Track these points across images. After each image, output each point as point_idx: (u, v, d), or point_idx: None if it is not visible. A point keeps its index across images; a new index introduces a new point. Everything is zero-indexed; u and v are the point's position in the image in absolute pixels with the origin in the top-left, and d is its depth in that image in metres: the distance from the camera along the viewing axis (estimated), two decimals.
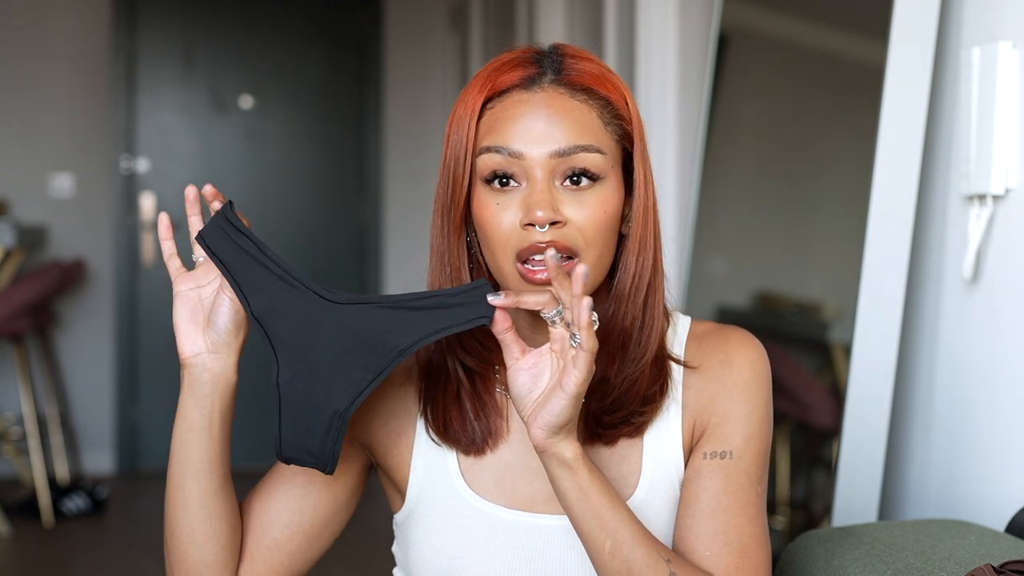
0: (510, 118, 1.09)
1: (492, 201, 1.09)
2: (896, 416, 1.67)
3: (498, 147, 1.08)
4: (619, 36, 3.01)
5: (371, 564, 1.65)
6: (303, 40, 5.31)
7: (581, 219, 1.07)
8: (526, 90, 1.09)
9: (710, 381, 1.16)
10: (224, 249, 1.09)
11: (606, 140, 1.10)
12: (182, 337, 1.11)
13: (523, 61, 1.12)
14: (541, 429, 1.01)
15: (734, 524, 1.10)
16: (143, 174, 5.14)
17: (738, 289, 2.22)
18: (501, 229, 1.08)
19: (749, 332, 1.19)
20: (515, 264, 1.08)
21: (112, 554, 4.00)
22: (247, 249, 1.09)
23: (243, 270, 1.08)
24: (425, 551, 1.17)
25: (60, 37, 5.07)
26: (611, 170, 1.10)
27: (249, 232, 1.09)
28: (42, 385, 4.85)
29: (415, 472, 1.19)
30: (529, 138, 1.07)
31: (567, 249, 1.07)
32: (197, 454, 1.12)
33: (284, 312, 1.07)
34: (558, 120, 1.08)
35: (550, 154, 1.07)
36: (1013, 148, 1.42)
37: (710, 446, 1.13)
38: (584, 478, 1.03)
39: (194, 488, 1.12)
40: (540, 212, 1.05)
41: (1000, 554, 1.16)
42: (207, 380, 1.11)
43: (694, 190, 2.27)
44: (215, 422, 1.11)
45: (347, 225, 5.38)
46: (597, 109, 1.10)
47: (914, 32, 1.55)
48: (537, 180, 1.07)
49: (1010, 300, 1.44)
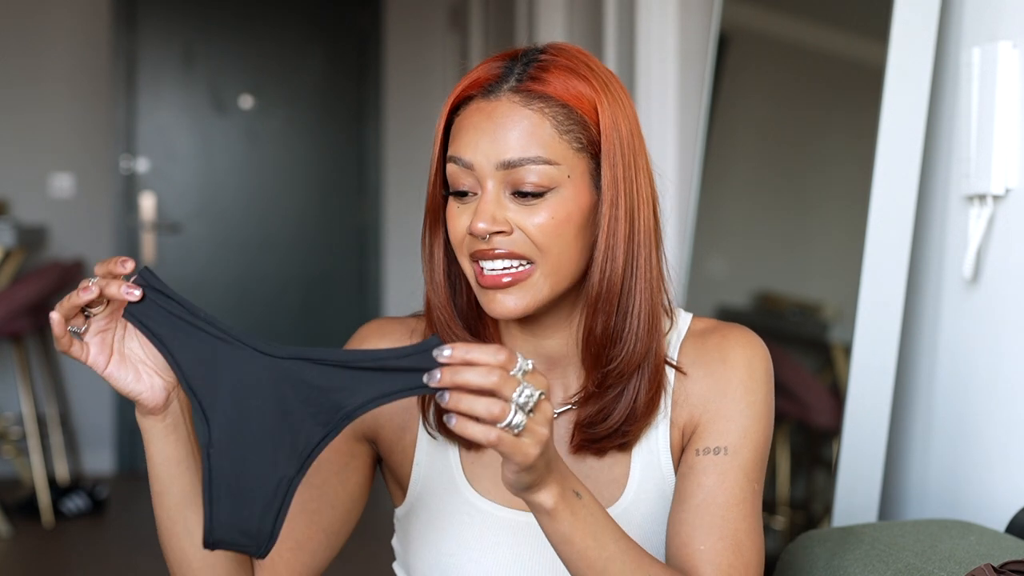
0: (466, 127, 1.10)
1: (454, 206, 1.11)
2: (896, 416, 1.67)
3: (456, 157, 1.09)
4: (619, 36, 3.01)
5: (370, 557, 1.65)
6: (303, 40, 5.31)
7: (530, 226, 1.08)
8: (484, 99, 1.10)
9: (704, 379, 1.15)
10: (152, 317, 0.99)
11: (560, 149, 1.08)
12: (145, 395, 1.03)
13: (490, 68, 1.11)
14: (509, 485, 0.97)
15: (729, 520, 1.09)
16: (143, 174, 5.14)
17: (738, 289, 2.22)
18: (457, 233, 1.10)
19: (750, 330, 1.18)
20: (471, 264, 1.10)
21: (112, 554, 4.00)
22: (177, 313, 0.99)
23: (174, 337, 0.99)
24: (424, 546, 1.17)
25: (60, 37, 5.07)
26: (567, 179, 1.08)
27: (176, 295, 1.00)
28: (42, 385, 4.85)
29: (417, 467, 1.19)
30: (479, 149, 1.08)
31: (517, 256, 1.08)
32: (190, 482, 1.07)
33: (222, 375, 0.97)
34: (507, 131, 1.08)
35: (497, 166, 1.08)
36: (1013, 148, 1.42)
37: (704, 442, 1.13)
38: (565, 524, 0.99)
39: (195, 516, 1.07)
40: (480, 224, 1.07)
41: (1000, 554, 1.16)
42: (180, 411, 1.05)
43: (694, 190, 2.27)
44: (193, 444, 1.07)
45: (347, 225, 5.38)
46: (552, 117, 1.08)
47: (914, 32, 1.55)
48: (487, 191, 1.08)
49: (1010, 300, 1.43)
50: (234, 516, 0.98)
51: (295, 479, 0.97)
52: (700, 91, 2.41)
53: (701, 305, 2.23)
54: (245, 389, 0.97)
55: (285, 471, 0.96)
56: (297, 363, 0.96)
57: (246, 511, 0.97)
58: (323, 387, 0.95)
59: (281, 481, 0.96)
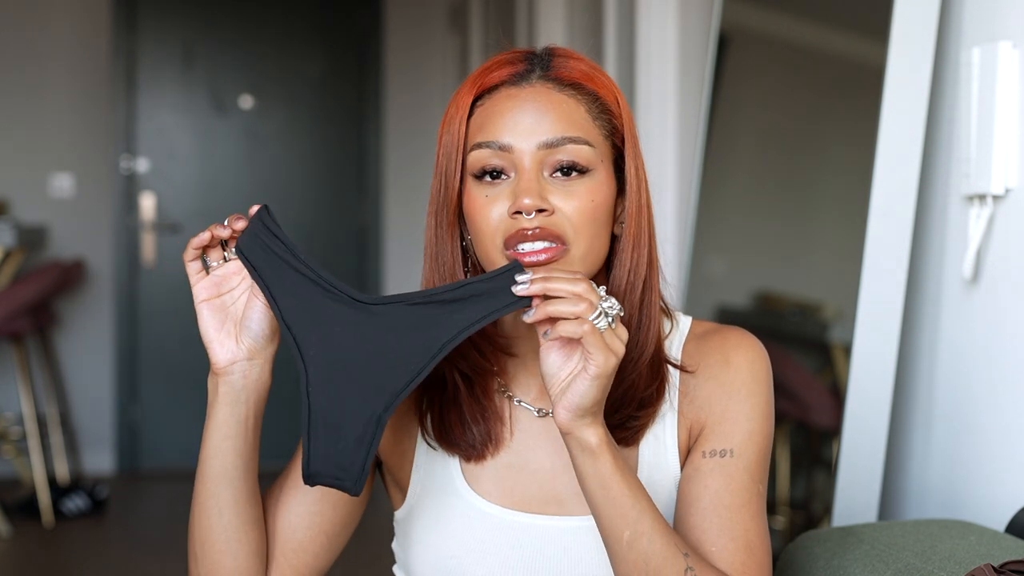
0: (498, 112, 1.10)
1: (482, 194, 1.10)
2: (896, 416, 1.67)
3: (488, 142, 1.09)
4: (619, 36, 3.01)
5: (370, 560, 1.65)
6: (303, 40, 5.31)
7: (569, 208, 1.08)
8: (514, 85, 1.11)
9: (708, 381, 1.15)
10: (258, 256, 1.06)
11: (594, 134, 1.10)
12: (216, 347, 1.08)
13: (512, 60, 1.13)
14: (566, 410, 1.00)
15: (738, 521, 1.10)
16: (143, 174, 5.14)
17: (738, 289, 2.22)
18: (489, 220, 1.09)
19: (749, 332, 1.18)
20: (503, 252, 1.08)
21: (112, 554, 4.00)
22: (280, 254, 1.06)
23: (276, 277, 1.06)
24: (424, 549, 1.17)
25: (60, 37, 5.07)
26: (600, 164, 1.10)
27: (284, 236, 1.06)
28: (42, 385, 4.85)
29: (417, 471, 1.19)
30: (517, 131, 1.08)
31: (555, 236, 1.08)
32: (232, 460, 1.10)
33: (317, 317, 1.04)
34: (546, 112, 1.09)
35: (538, 145, 1.08)
36: (1013, 148, 1.42)
37: (709, 445, 1.13)
38: (606, 466, 1.02)
39: (229, 495, 1.11)
40: (527, 199, 1.06)
41: (1000, 554, 1.16)
42: (244, 387, 1.09)
43: (694, 190, 2.27)
44: (250, 427, 1.10)
45: (347, 225, 5.38)
46: (585, 103, 1.11)
47: (914, 32, 1.55)
48: (526, 170, 1.08)
49: (1010, 300, 1.44)
50: (330, 450, 1.03)
51: (383, 416, 1.02)
52: (700, 91, 2.41)
53: (701, 305, 2.23)
54: (341, 332, 1.03)
55: (375, 408, 1.02)
56: (388, 307, 1.02)
57: (341, 444, 1.03)
58: (415, 328, 1.01)
59: (371, 417, 1.02)
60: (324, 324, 1.04)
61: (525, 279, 1.00)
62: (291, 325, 1.04)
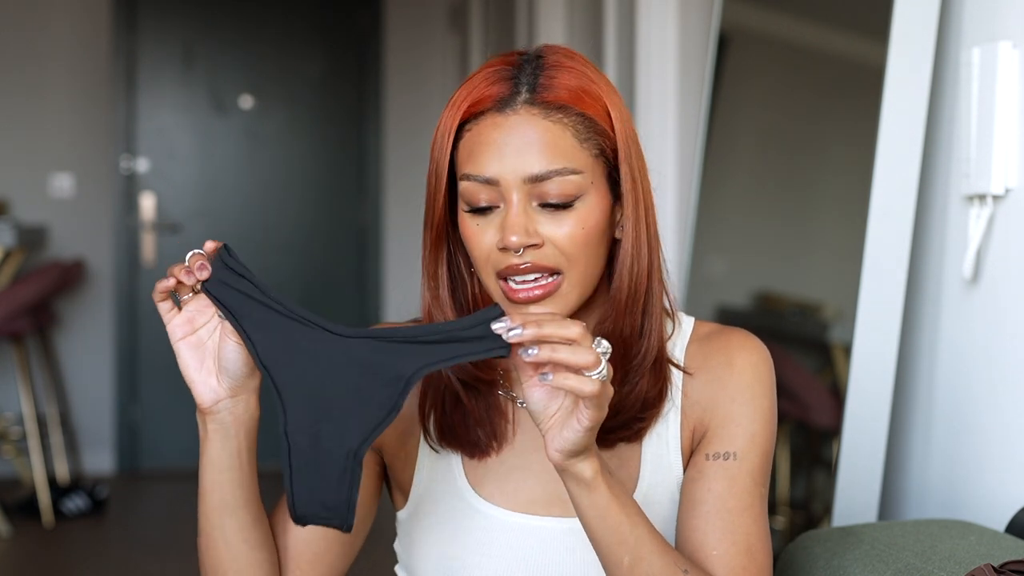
0: (484, 143, 1.08)
1: (473, 223, 1.09)
2: (896, 416, 1.67)
3: (475, 175, 1.08)
4: (619, 37, 3.01)
5: (372, 560, 1.66)
6: (303, 40, 5.31)
7: (560, 238, 1.07)
8: (499, 113, 1.08)
9: (711, 383, 1.15)
10: (227, 296, 1.04)
11: (582, 158, 1.08)
12: (199, 387, 1.06)
13: (500, 77, 1.09)
14: (558, 451, 0.99)
15: (740, 525, 1.10)
16: (143, 174, 5.14)
17: (738, 289, 2.22)
18: (482, 249, 1.09)
19: (752, 333, 1.18)
20: (498, 283, 1.08)
21: (112, 554, 4.00)
22: (249, 293, 1.03)
23: (248, 315, 1.03)
24: (426, 550, 1.17)
25: (60, 37, 5.07)
26: (591, 186, 1.09)
27: (250, 275, 1.04)
28: (42, 385, 4.85)
29: (419, 472, 1.19)
30: (503, 164, 1.07)
31: (547, 269, 1.07)
32: (231, 492, 1.10)
33: (293, 353, 1.01)
34: (531, 144, 1.07)
35: (524, 179, 1.07)
36: (1013, 148, 1.42)
37: (713, 447, 1.13)
38: (602, 496, 1.01)
39: (234, 524, 1.11)
40: (514, 237, 1.06)
41: (1000, 554, 1.16)
42: (231, 423, 1.08)
43: (694, 190, 2.27)
44: (244, 459, 1.10)
45: (347, 225, 5.38)
46: (572, 127, 1.08)
47: (914, 32, 1.55)
48: (513, 204, 1.07)
49: (1010, 300, 1.44)
50: (314, 490, 1.01)
51: (359, 451, 0.99)
52: (700, 91, 2.41)
53: (701, 305, 2.23)
54: (315, 366, 1.00)
55: (350, 444, 0.99)
56: (364, 341, 0.99)
57: (323, 484, 1.00)
58: (390, 363, 0.98)
59: (348, 453, 0.99)
60: (298, 359, 1.01)
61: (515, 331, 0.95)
62: (266, 362, 1.02)
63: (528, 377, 0.99)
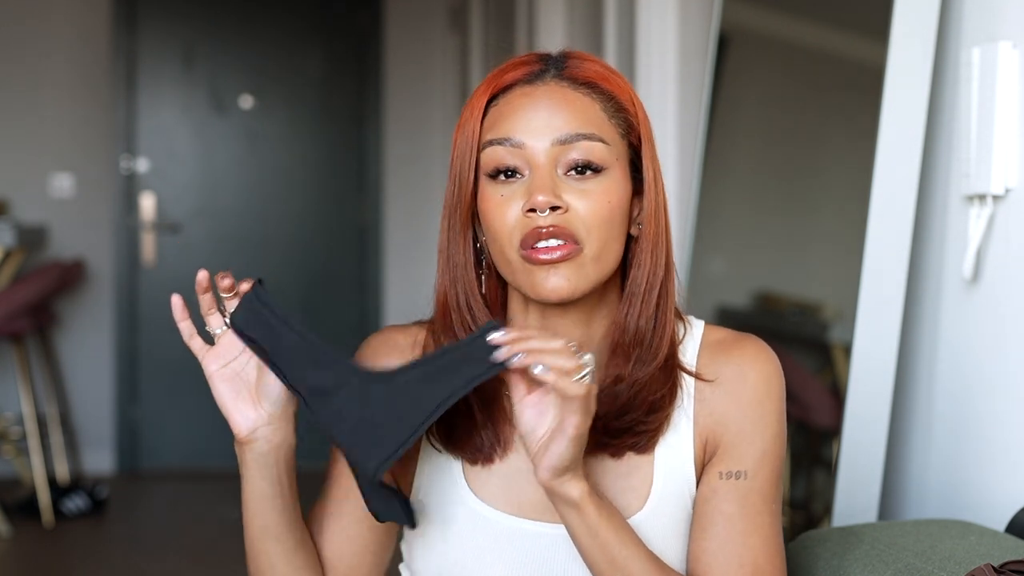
0: (512, 110, 1.09)
1: (496, 193, 1.09)
2: (896, 416, 1.67)
3: (501, 139, 1.08)
4: (619, 36, 3.01)
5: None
6: (303, 40, 5.31)
7: (584, 208, 1.07)
8: (529, 84, 1.10)
9: (724, 396, 1.14)
10: (258, 332, 1.06)
11: (609, 131, 1.10)
12: (235, 417, 1.09)
13: (527, 61, 1.13)
14: (546, 470, 1.01)
15: (748, 547, 1.10)
16: (143, 174, 5.14)
17: (738, 289, 2.22)
18: (505, 220, 1.08)
19: (763, 342, 1.17)
20: (519, 252, 1.07)
21: (112, 554, 4.00)
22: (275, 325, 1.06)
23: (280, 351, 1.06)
24: (427, 554, 1.17)
25: (60, 37, 5.07)
26: (616, 162, 1.10)
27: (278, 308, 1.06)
28: (42, 385, 4.85)
29: (420, 475, 1.19)
30: (531, 128, 1.08)
31: (569, 235, 1.07)
32: (274, 519, 1.12)
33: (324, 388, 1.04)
34: (559, 109, 1.08)
35: (552, 142, 1.07)
36: (1013, 148, 1.42)
37: (724, 465, 1.13)
38: (591, 516, 1.03)
39: (278, 549, 1.13)
40: (541, 196, 1.06)
41: (1000, 554, 1.16)
42: (270, 451, 1.10)
43: (694, 190, 2.27)
44: (285, 484, 1.12)
45: (347, 225, 5.38)
46: (600, 102, 1.10)
47: (914, 32, 1.55)
48: (539, 167, 1.07)
49: (1010, 300, 1.44)
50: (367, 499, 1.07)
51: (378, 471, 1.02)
52: (700, 91, 2.41)
53: (701, 305, 2.23)
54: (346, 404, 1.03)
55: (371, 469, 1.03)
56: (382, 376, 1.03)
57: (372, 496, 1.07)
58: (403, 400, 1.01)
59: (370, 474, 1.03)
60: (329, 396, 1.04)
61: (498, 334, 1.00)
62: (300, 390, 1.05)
63: (520, 397, 1.02)
